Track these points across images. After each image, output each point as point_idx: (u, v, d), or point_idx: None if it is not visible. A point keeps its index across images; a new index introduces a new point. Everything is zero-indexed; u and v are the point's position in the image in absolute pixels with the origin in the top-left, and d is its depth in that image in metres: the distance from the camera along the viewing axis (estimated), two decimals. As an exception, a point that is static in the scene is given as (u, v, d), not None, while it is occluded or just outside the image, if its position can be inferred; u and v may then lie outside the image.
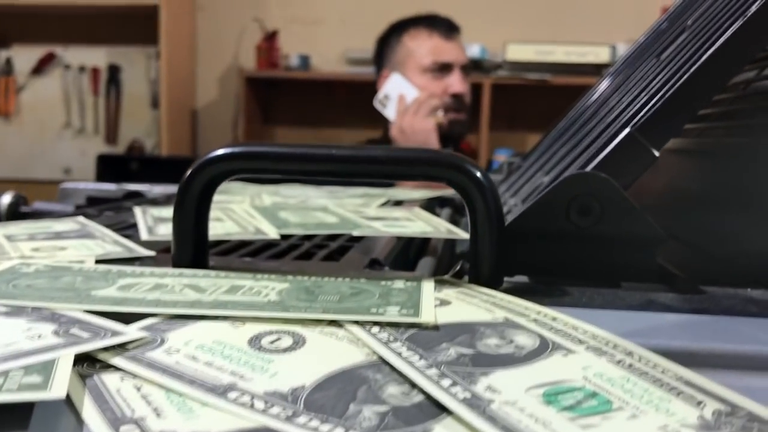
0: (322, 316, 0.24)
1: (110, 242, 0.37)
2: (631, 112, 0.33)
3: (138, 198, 0.89)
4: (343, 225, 0.46)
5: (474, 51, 2.42)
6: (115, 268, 0.31)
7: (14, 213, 0.85)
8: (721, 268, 0.37)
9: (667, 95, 0.32)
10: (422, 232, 0.44)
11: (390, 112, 1.52)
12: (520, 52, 2.32)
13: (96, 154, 2.72)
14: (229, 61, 2.71)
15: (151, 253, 0.34)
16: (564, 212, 0.29)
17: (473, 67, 2.42)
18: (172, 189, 0.87)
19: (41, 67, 2.68)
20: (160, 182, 2.64)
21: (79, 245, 0.37)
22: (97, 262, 0.33)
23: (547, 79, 2.34)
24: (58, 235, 0.40)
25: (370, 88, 1.64)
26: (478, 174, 0.27)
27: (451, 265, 0.36)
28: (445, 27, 1.57)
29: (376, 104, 1.55)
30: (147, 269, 0.30)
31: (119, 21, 2.61)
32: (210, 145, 2.73)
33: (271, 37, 2.50)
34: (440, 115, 1.46)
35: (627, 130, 0.31)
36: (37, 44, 2.69)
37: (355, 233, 0.42)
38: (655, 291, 0.29)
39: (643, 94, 0.35)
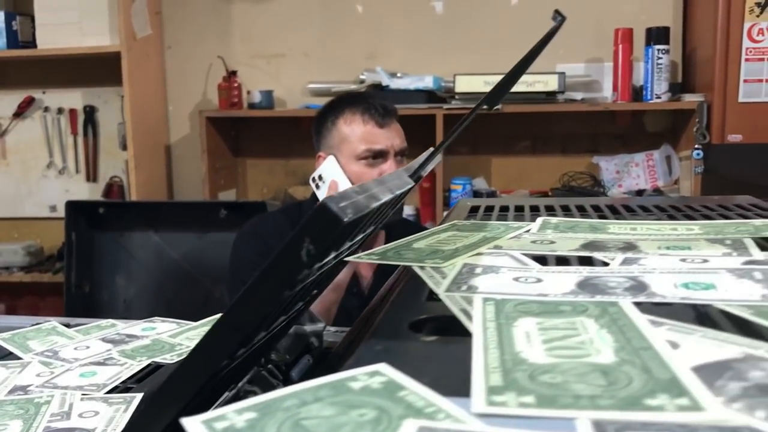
0: None
1: None
2: None
3: None
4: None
5: (427, 82, 2.45)
6: None
7: None
8: None
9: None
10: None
11: (321, 195, 1.53)
12: (468, 84, 2.34)
13: (78, 191, 2.86)
14: (199, 97, 2.78)
15: None
16: None
17: (428, 98, 2.45)
18: (29, 321, 0.93)
19: (22, 111, 2.81)
20: (129, 225, 2.70)
21: None
22: None
23: (498, 109, 2.34)
24: None
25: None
26: None
27: None
28: (380, 113, 1.53)
29: (311, 183, 1.56)
30: None
31: (92, 64, 2.70)
32: (183, 179, 2.82)
33: (230, 77, 2.56)
34: None
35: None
36: (17, 89, 2.81)
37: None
38: None
39: None
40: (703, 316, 0.36)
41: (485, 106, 0.52)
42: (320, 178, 1.55)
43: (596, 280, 0.41)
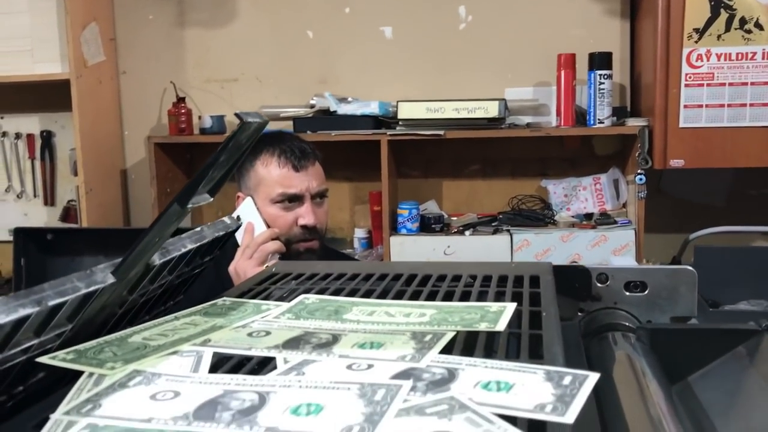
0: None
1: None
2: None
3: None
4: None
5: (373, 108, 2.46)
6: None
7: None
8: None
9: None
10: None
11: (239, 236, 1.49)
12: (411, 110, 2.34)
13: (36, 215, 2.89)
14: (154, 122, 2.81)
15: None
16: None
17: (375, 124, 2.46)
18: None
19: (-21, 136, 2.84)
20: (80, 250, 2.72)
21: None
22: None
23: (441, 135, 2.35)
24: None
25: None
26: None
27: None
28: (297, 156, 1.52)
29: None
30: None
31: (48, 89, 2.73)
32: (140, 203, 2.84)
33: (179, 102, 2.58)
34: (273, 263, 1.45)
35: None
36: (-26, 115, 2.84)
37: None
38: None
39: None
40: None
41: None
42: (238, 219, 1.56)
43: (225, 398, 0.42)
